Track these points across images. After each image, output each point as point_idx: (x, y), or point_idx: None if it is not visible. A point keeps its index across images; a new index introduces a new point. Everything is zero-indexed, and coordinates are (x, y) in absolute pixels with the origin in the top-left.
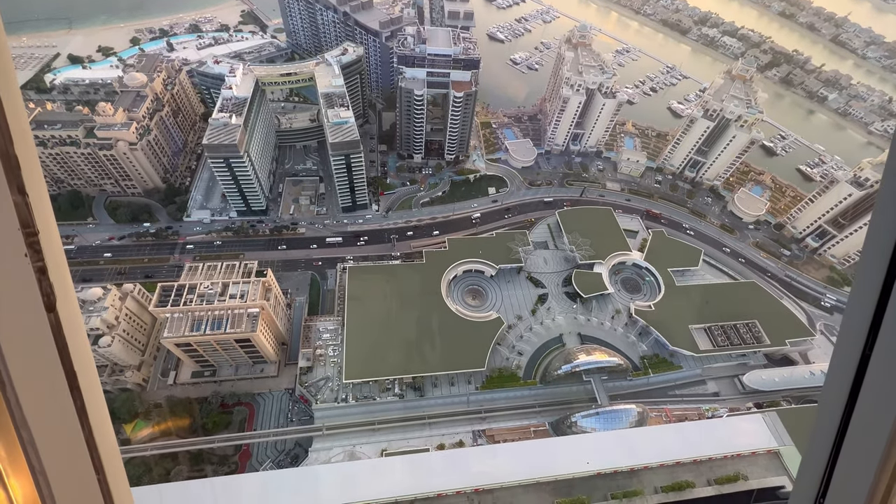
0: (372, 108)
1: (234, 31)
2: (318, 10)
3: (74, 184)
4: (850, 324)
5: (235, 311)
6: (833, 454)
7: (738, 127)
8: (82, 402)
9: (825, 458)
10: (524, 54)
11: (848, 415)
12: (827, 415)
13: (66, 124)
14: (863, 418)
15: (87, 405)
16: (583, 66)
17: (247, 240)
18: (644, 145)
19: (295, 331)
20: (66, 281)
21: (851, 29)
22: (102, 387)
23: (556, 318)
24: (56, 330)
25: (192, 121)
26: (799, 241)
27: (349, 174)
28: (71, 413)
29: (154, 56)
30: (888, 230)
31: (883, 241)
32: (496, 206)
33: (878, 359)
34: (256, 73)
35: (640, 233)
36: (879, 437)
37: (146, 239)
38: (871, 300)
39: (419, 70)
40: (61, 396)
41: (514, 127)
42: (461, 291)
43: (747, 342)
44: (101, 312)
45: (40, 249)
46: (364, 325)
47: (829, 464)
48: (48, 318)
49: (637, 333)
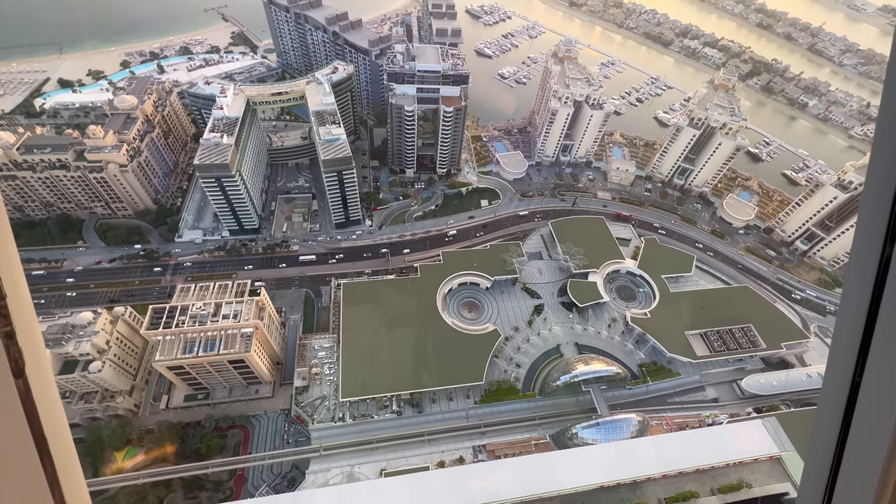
0: (363, 125)
1: (224, 53)
2: (308, 30)
3: (64, 207)
4: (844, 325)
5: (229, 331)
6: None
7: (723, 134)
8: (53, 468)
9: (828, 464)
10: (512, 69)
11: (848, 418)
12: (826, 419)
13: (55, 148)
14: (863, 422)
15: (59, 471)
16: (569, 78)
17: (239, 259)
18: (633, 154)
19: (290, 350)
20: (36, 344)
21: (827, 38)
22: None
23: (553, 329)
24: (25, 395)
25: (183, 141)
26: (788, 244)
27: (342, 190)
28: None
29: (144, 78)
30: (874, 231)
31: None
32: (490, 217)
33: (875, 360)
34: (247, 93)
35: (632, 241)
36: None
37: (137, 261)
38: (864, 301)
39: (409, 86)
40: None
41: (504, 140)
42: (457, 304)
43: (743, 346)
44: (92, 337)
45: (7, 314)
46: (360, 341)
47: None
48: (16, 385)
49: (634, 341)
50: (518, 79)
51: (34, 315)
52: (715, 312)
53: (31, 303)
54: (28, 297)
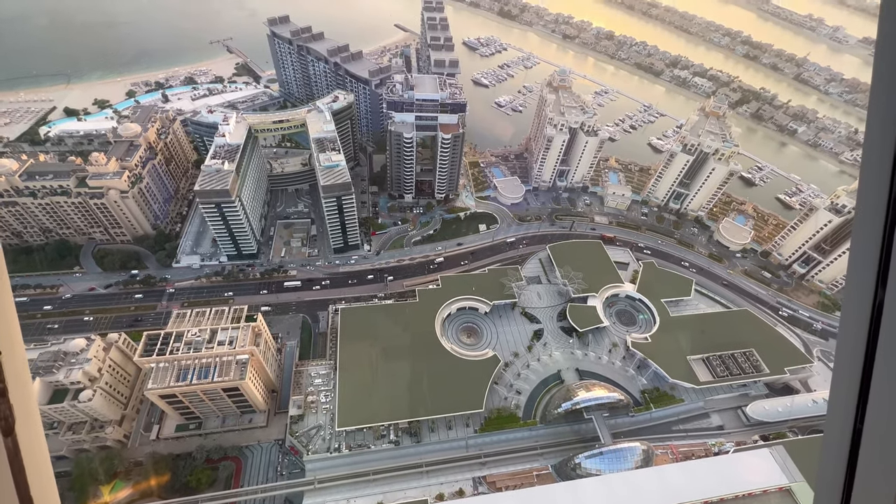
0: (363, 152)
1: (228, 83)
2: (310, 61)
3: (63, 233)
4: (845, 350)
5: (224, 358)
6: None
7: (716, 160)
8: None
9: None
10: (508, 97)
11: (855, 447)
12: (833, 448)
13: (57, 174)
14: (871, 449)
15: None
16: (564, 106)
17: (237, 284)
18: (628, 179)
19: (286, 377)
20: (28, 401)
21: (812, 68)
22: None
23: (553, 354)
24: (13, 454)
25: (184, 168)
26: (786, 267)
27: (340, 215)
28: None
29: (149, 107)
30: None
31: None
32: (488, 242)
33: (879, 385)
34: (249, 121)
35: (630, 264)
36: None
37: (134, 286)
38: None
39: (408, 114)
40: None
41: (501, 165)
42: (456, 330)
43: (746, 372)
44: (84, 364)
45: (0, 371)
46: (357, 368)
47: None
48: (4, 443)
49: (635, 367)
50: (514, 107)
51: (28, 371)
52: (716, 337)
53: (26, 358)
54: (23, 352)
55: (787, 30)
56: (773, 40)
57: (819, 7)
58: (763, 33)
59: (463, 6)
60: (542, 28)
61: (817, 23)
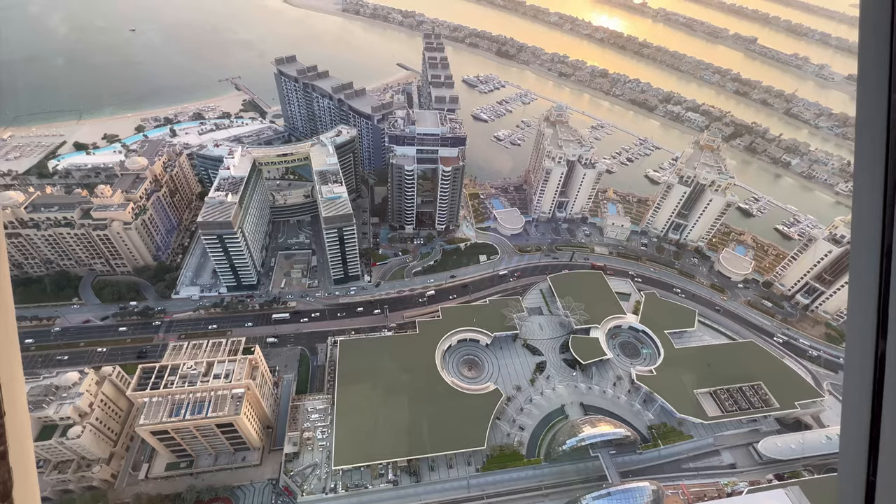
0: (364, 184)
1: (235, 118)
2: (315, 97)
3: (63, 264)
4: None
5: (219, 392)
6: None
7: (712, 191)
8: None
9: None
10: (507, 131)
11: (871, 487)
12: (849, 488)
13: (62, 206)
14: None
15: None
16: (562, 140)
17: (236, 316)
18: (627, 210)
19: (282, 412)
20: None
21: (801, 103)
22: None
23: (557, 388)
24: None
25: (188, 200)
26: (789, 298)
27: (341, 246)
28: None
29: (157, 141)
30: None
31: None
32: (487, 272)
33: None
34: (254, 155)
35: (632, 295)
36: None
37: (131, 318)
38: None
39: (409, 148)
40: None
41: (501, 197)
42: (456, 362)
43: (756, 406)
44: (75, 399)
45: (3, 433)
46: (355, 403)
47: None
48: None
49: (641, 401)
50: (513, 140)
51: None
52: (722, 369)
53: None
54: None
55: (774, 68)
56: (762, 77)
57: (804, 47)
58: (751, 71)
59: (462, 46)
60: (538, 67)
61: (803, 61)
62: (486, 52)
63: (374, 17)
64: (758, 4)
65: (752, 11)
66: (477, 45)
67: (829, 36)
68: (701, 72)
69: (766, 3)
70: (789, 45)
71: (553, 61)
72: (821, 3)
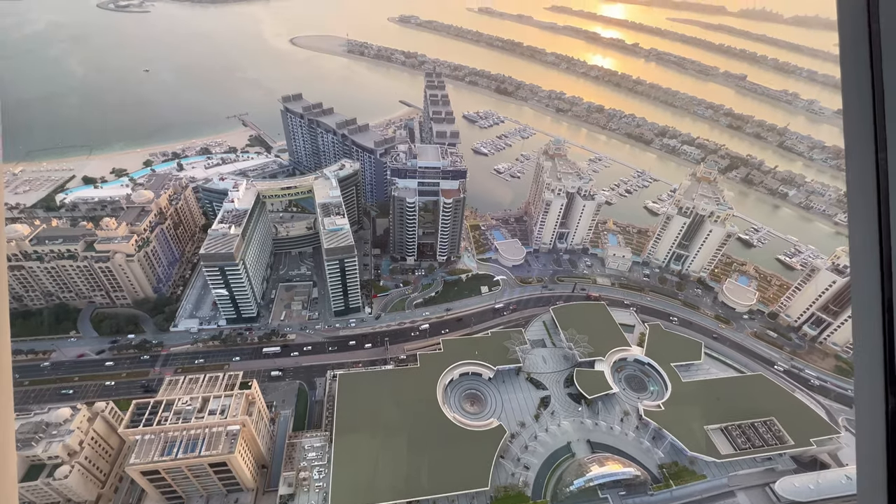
0: (366, 216)
1: (241, 152)
2: (320, 133)
3: (63, 297)
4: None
5: (213, 429)
6: None
7: (712, 222)
8: None
9: None
10: (506, 164)
11: None
12: None
13: (67, 239)
14: None
15: None
16: (561, 172)
17: (234, 349)
18: (627, 241)
19: (277, 450)
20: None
21: (794, 136)
22: None
23: (562, 424)
24: None
25: (191, 232)
26: (796, 329)
27: (343, 278)
28: None
29: (164, 175)
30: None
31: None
32: (489, 304)
33: None
34: (258, 188)
35: (636, 326)
36: None
37: (127, 352)
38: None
39: (411, 181)
40: None
41: (502, 228)
42: (458, 397)
43: (769, 443)
44: (65, 437)
45: None
46: (354, 440)
47: None
48: None
49: (650, 438)
50: (512, 173)
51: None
52: (733, 404)
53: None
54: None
55: (765, 103)
56: (754, 112)
57: (792, 83)
58: (743, 106)
59: (463, 84)
60: (536, 103)
61: (793, 97)
62: (486, 90)
63: (378, 57)
64: (745, 45)
65: (739, 51)
66: (476, 83)
67: (815, 73)
68: (694, 107)
69: (752, 44)
70: (778, 82)
71: (550, 98)
72: (806, 43)
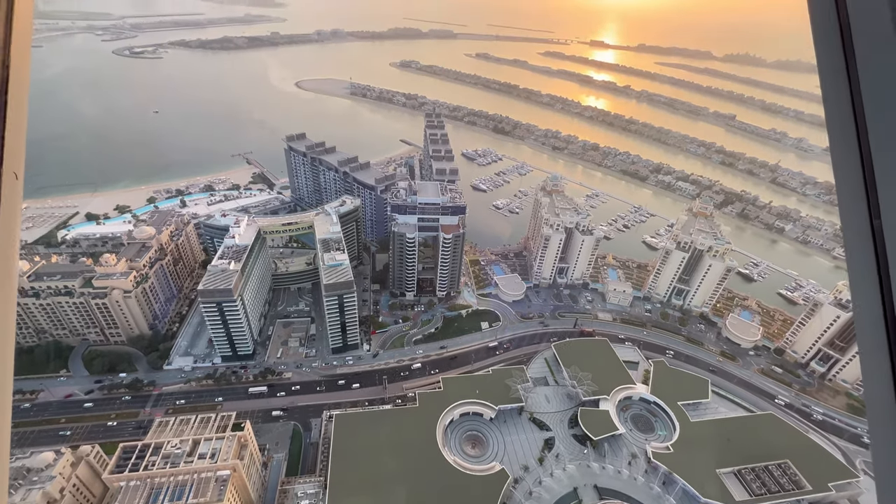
0: (366, 251)
1: (244, 189)
2: (322, 170)
3: (57, 334)
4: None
5: (202, 474)
6: None
7: (711, 256)
8: None
9: None
10: (505, 200)
11: None
12: None
13: (66, 275)
14: None
15: None
16: (559, 208)
17: (228, 388)
18: (627, 276)
19: (269, 497)
20: None
21: (786, 173)
22: None
23: (567, 468)
24: None
25: (191, 268)
26: (804, 366)
27: (341, 314)
28: None
29: (166, 212)
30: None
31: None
32: (489, 340)
33: None
34: (260, 224)
35: (640, 363)
36: None
37: (118, 391)
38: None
39: (411, 216)
40: None
41: (501, 263)
42: (459, 439)
43: (786, 488)
44: (46, 483)
45: None
46: (349, 487)
47: None
48: None
49: (661, 482)
50: (511, 209)
51: None
52: (744, 445)
53: None
54: None
55: (755, 141)
56: (745, 150)
57: (780, 122)
58: (734, 144)
59: (461, 124)
60: (533, 141)
61: (781, 135)
62: (484, 129)
63: (380, 99)
64: (732, 87)
65: (727, 93)
66: (475, 123)
67: (802, 113)
68: (686, 145)
69: (739, 86)
70: (766, 121)
71: (546, 136)
72: (790, 85)
